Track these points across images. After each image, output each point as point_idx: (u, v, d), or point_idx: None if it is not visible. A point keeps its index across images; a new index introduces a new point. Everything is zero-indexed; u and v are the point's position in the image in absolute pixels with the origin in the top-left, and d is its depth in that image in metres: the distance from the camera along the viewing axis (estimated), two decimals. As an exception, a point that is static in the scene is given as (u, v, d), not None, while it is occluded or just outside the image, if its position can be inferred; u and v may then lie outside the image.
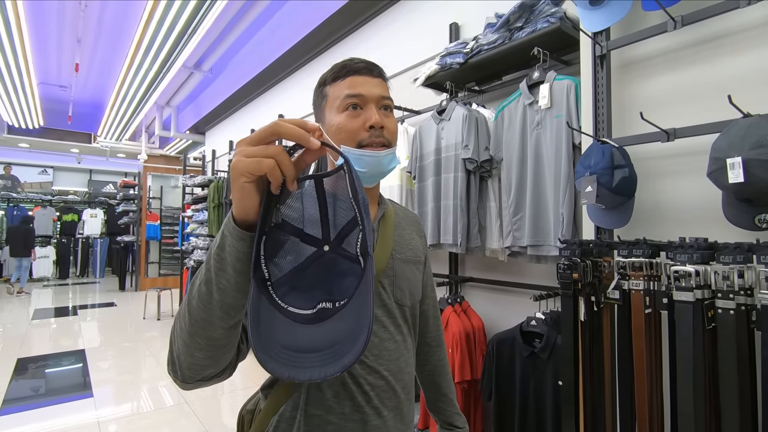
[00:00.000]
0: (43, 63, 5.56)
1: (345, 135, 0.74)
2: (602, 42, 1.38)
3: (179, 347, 0.56)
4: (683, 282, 0.98)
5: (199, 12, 3.31)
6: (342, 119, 0.75)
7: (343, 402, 0.71)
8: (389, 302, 0.79)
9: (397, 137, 0.80)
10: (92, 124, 7.73)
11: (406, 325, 0.83)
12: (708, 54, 1.23)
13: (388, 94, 0.79)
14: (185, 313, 0.54)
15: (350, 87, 0.75)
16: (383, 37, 3.20)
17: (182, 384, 0.58)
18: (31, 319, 5.89)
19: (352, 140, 0.74)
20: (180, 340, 0.55)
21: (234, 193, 0.49)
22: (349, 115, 0.75)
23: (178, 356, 0.56)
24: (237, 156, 0.47)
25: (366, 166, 0.74)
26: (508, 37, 1.91)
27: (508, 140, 1.90)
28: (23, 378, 3.66)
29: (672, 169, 1.27)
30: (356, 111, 0.75)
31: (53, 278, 9.89)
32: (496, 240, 2.02)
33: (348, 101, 0.75)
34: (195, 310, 0.53)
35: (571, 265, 1.17)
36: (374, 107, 0.75)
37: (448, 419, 0.97)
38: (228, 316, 0.52)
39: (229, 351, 0.57)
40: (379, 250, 0.79)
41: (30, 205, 9.95)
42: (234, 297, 0.51)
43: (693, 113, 1.23)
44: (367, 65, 0.78)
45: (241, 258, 0.50)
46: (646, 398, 1.10)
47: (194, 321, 0.53)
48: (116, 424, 2.87)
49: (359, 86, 0.75)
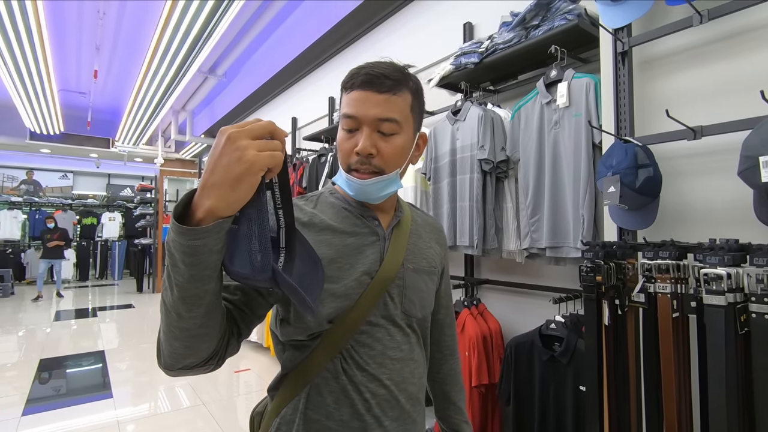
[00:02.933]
0: (63, 70, 5.70)
1: (341, 154, 0.73)
2: (624, 38, 1.35)
3: (161, 335, 0.56)
4: (714, 285, 0.94)
5: (214, 17, 3.35)
6: (340, 137, 0.74)
7: (343, 408, 0.70)
8: (395, 312, 0.76)
9: (399, 160, 0.74)
10: (110, 129, 7.89)
11: (415, 335, 0.80)
12: (735, 49, 1.19)
13: (394, 114, 0.70)
14: (161, 304, 0.55)
15: (348, 105, 0.71)
16: (397, 38, 3.19)
17: (165, 370, 0.58)
18: (53, 321, 6.02)
19: (344, 162, 0.73)
20: (161, 329, 0.56)
21: (235, 185, 0.46)
22: (344, 135, 0.73)
23: (160, 343, 0.57)
24: (248, 149, 0.47)
25: (352, 191, 0.74)
26: (524, 36, 1.88)
27: (525, 140, 1.87)
28: (45, 379, 3.74)
29: (699, 168, 1.23)
30: (351, 133, 0.72)
31: (74, 280, 10.11)
32: (513, 241, 1.99)
33: (343, 123, 0.72)
34: (165, 302, 0.53)
35: (594, 268, 1.14)
36: (367, 131, 0.69)
37: (455, 427, 0.95)
38: (193, 306, 0.51)
39: (206, 342, 0.56)
40: (390, 258, 0.76)
41: (51, 209, 10.19)
42: (193, 288, 0.50)
43: (720, 110, 1.18)
44: (374, 77, 0.70)
45: (193, 252, 0.48)
46: (675, 405, 1.06)
47: (167, 312, 0.53)
48: (135, 424, 2.90)
49: (357, 105, 0.70)
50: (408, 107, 0.74)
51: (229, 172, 0.46)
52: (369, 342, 0.73)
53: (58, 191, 10.69)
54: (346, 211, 0.78)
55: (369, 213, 0.78)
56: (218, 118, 6.49)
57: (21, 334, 5.28)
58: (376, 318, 0.73)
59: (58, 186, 10.73)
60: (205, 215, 0.47)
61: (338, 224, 0.75)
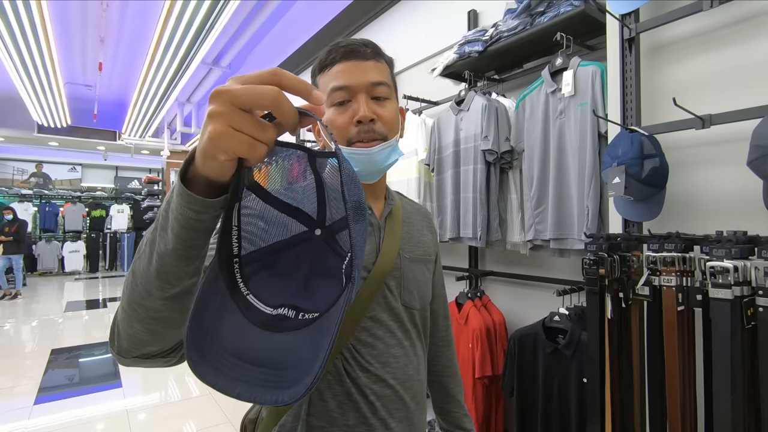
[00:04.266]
0: (68, 63, 5.70)
1: (335, 132, 0.68)
2: (631, 24, 1.31)
3: (119, 314, 0.48)
4: (720, 278, 0.92)
5: (216, 7, 3.32)
6: (330, 114, 0.68)
7: (348, 413, 0.67)
8: (396, 305, 0.74)
9: (397, 126, 0.72)
10: (117, 121, 7.92)
11: (415, 329, 0.78)
12: (746, 34, 1.14)
13: (384, 78, 0.70)
14: (129, 276, 0.46)
15: (336, 78, 0.68)
16: (401, 27, 3.14)
17: (119, 357, 0.50)
18: (64, 312, 6.12)
19: (341, 138, 0.68)
20: (120, 306, 0.47)
21: (203, 160, 0.36)
22: (336, 110, 0.68)
23: (117, 324, 0.48)
24: (217, 120, 0.33)
25: (358, 165, 0.68)
26: (529, 23, 1.84)
27: (530, 130, 1.83)
28: (56, 368, 3.81)
29: (707, 158, 1.19)
30: (343, 106, 0.68)
31: (84, 272, 10.26)
32: (518, 233, 1.97)
33: (334, 97, 0.68)
34: (136, 274, 0.44)
35: (597, 260, 1.12)
36: (364, 98, 0.67)
37: (456, 422, 0.92)
38: (168, 285, 0.42)
39: (173, 328, 0.47)
40: (386, 249, 0.73)
41: (61, 202, 10.32)
42: (173, 265, 0.41)
43: (730, 98, 1.15)
44: (356, 47, 0.68)
45: (186, 225, 0.39)
46: (678, 399, 1.05)
47: (134, 286, 0.44)
48: (144, 412, 2.95)
49: (345, 75, 0.67)
50: (390, 75, 0.73)
51: (200, 142, 0.36)
52: (370, 341, 0.70)
53: (67, 184, 10.81)
54: None
55: None
56: (223, 110, 6.48)
57: (34, 324, 5.38)
58: (376, 313, 0.71)
59: (67, 179, 10.85)
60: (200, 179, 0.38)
61: None
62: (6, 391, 3.29)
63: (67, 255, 9.90)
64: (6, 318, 5.78)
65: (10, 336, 4.91)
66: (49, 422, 2.78)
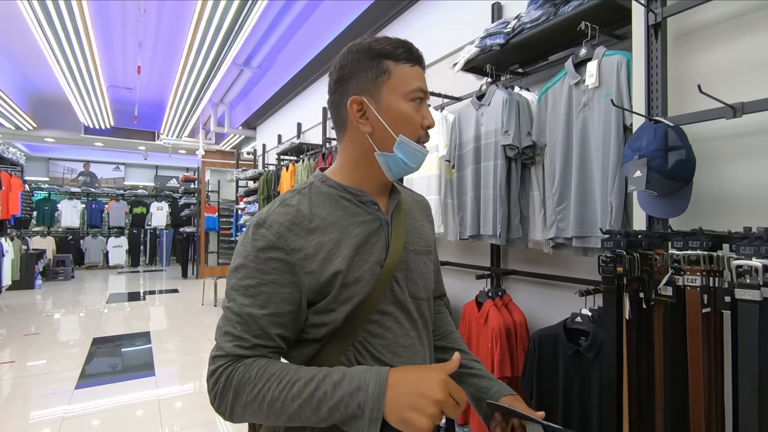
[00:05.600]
0: (110, 67, 6.01)
1: (409, 127, 0.73)
2: (656, 9, 1.23)
3: (247, 416, 0.62)
4: (747, 278, 0.85)
5: (244, 8, 3.40)
6: (410, 110, 0.73)
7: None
8: (403, 297, 0.76)
9: None
10: (155, 122, 8.28)
11: (422, 319, 0.79)
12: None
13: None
14: (267, 410, 0.60)
15: (420, 79, 0.75)
16: (426, 22, 3.12)
17: (230, 420, 0.64)
18: (106, 303, 6.47)
19: (413, 134, 0.74)
20: (251, 415, 0.62)
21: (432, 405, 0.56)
22: (414, 107, 0.74)
23: (236, 411, 0.62)
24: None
25: (416, 162, 0.75)
26: (553, 13, 1.77)
27: (552, 124, 1.77)
28: (96, 356, 4.03)
29: (739, 150, 1.11)
30: (419, 105, 0.75)
31: (126, 266, 10.80)
32: (540, 231, 1.90)
33: (417, 95, 0.74)
34: (290, 407, 0.59)
35: (614, 258, 1.06)
36: (425, 105, 0.77)
37: (478, 374, 0.85)
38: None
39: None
40: (395, 244, 0.75)
41: (106, 199, 10.91)
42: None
43: (764, 85, 1.06)
44: (421, 56, 0.77)
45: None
46: (702, 408, 0.98)
47: (281, 411, 0.60)
48: (175, 402, 3.08)
49: (423, 80, 0.75)
50: None
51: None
52: (380, 332, 0.72)
53: (111, 182, 11.42)
54: (344, 200, 0.75)
55: (368, 198, 0.76)
56: (254, 110, 6.65)
57: (82, 314, 5.72)
58: (385, 305, 0.73)
59: (112, 177, 11.46)
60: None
61: (340, 218, 0.72)
62: (50, 376, 3.51)
63: (111, 250, 10.46)
64: (57, 307, 6.17)
65: (58, 324, 5.24)
66: (87, 408, 2.94)
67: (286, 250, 0.66)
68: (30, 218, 7.79)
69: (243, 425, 0.77)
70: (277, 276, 0.65)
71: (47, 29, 3.91)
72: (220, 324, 0.66)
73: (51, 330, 4.94)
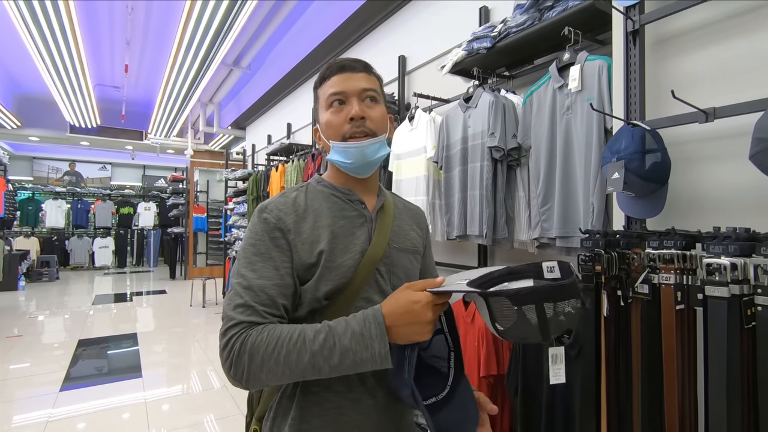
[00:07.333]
0: (97, 65, 5.94)
1: (332, 130, 0.81)
2: (635, 16, 1.27)
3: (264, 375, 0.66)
4: (717, 276, 0.89)
5: (233, 8, 3.40)
6: (328, 116, 0.81)
7: (340, 381, 0.75)
8: (386, 288, 0.82)
9: (386, 125, 0.85)
10: (143, 121, 8.19)
11: None
12: (753, 24, 1.10)
13: (373, 86, 0.83)
14: (292, 351, 0.65)
15: (333, 85, 0.81)
16: (413, 25, 3.14)
17: (241, 386, 0.68)
18: (92, 304, 6.38)
19: (338, 134, 0.80)
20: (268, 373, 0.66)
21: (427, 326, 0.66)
22: (333, 111, 0.81)
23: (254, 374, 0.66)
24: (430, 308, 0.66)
25: (351, 158, 0.80)
26: (537, 18, 1.81)
27: (537, 127, 1.81)
28: (81, 358, 3.98)
29: (711, 153, 1.15)
30: (341, 106, 0.80)
31: (113, 267, 10.65)
32: (525, 231, 1.94)
33: (332, 98, 0.80)
34: (302, 359, 0.65)
35: (593, 257, 1.09)
36: (356, 100, 0.80)
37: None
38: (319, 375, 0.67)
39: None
40: (377, 239, 0.82)
41: (92, 199, 10.75)
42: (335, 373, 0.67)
43: (735, 91, 1.10)
44: (351, 62, 0.82)
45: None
46: (677, 402, 1.02)
47: (297, 364, 0.65)
48: (162, 404, 3.05)
49: (341, 83, 0.80)
50: (379, 87, 0.86)
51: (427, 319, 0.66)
52: None
53: (98, 182, 11.25)
54: (334, 197, 0.84)
55: (355, 197, 0.85)
56: (243, 110, 6.62)
57: (67, 316, 5.63)
58: (369, 294, 0.79)
59: (98, 177, 11.29)
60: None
61: (330, 210, 0.82)
62: (34, 379, 3.45)
63: (97, 250, 10.31)
64: (41, 309, 6.07)
65: (43, 326, 5.15)
66: (72, 411, 2.90)
67: (284, 231, 0.76)
68: (13, 218, 7.65)
69: (238, 424, 0.78)
70: (280, 252, 0.75)
71: (32, 26, 3.86)
72: (228, 302, 0.72)
73: (35, 332, 4.86)
